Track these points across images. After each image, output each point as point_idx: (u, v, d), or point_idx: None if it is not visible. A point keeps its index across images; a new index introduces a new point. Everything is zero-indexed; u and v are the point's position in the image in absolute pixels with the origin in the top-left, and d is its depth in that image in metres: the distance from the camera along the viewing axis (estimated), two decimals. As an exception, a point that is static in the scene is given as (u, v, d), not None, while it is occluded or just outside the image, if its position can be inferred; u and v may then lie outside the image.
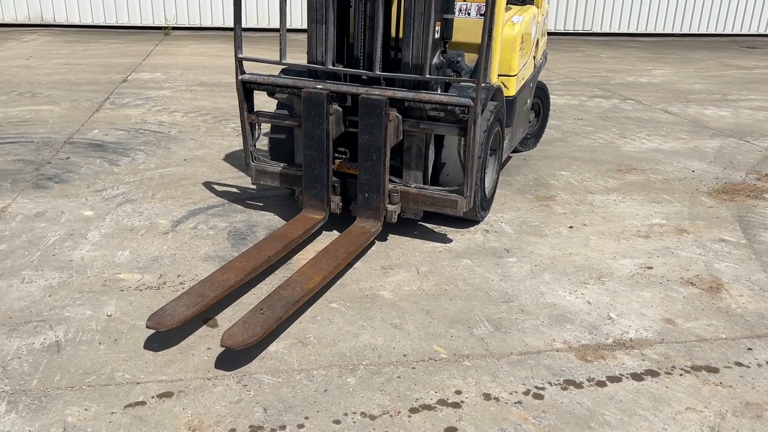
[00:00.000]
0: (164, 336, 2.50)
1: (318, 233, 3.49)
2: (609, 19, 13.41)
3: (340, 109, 3.33)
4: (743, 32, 14.18)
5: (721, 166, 4.96)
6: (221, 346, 2.28)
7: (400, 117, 3.20)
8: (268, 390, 2.23)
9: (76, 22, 11.45)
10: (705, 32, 13.92)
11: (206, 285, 2.66)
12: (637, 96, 7.53)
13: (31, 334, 2.50)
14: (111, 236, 3.35)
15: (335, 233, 3.50)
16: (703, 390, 2.32)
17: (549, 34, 7.76)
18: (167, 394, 2.19)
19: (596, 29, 13.42)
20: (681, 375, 2.40)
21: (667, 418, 2.17)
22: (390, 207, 3.30)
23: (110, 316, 2.63)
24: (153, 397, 2.17)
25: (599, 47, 11.82)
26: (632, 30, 13.58)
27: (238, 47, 3.36)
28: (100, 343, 2.45)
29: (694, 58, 10.93)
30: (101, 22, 11.53)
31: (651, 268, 3.25)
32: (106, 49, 9.37)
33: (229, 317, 2.67)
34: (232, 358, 2.39)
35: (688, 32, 13.83)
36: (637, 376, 2.38)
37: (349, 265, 3.10)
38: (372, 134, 3.17)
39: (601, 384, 2.33)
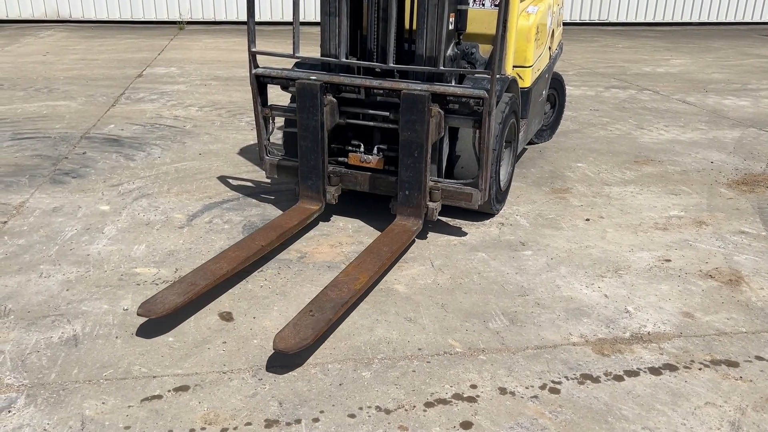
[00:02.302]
0: (180, 330, 2.52)
1: (316, 224, 3.49)
2: (625, 8, 13.25)
3: (335, 100, 3.32)
4: (762, 20, 13.95)
5: (740, 156, 4.89)
6: (273, 349, 2.25)
7: (443, 113, 3.15)
8: (283, 384, 2.24)
9: (92, 17, 11.53)
10: (723, 21, 13.71)
11: (198, 274, 2.69)
12: (655, 86, 7.44)
13: (50, 328, 2.52)
14: (127, 231, 3.37)
15: (333, 226, 3.50)
16: (723, 384, 2.29)
17: (564, 24, 7.68)
18: (183, 388, 2.20)
19: (612, 19, 13.27)
20: (700, 369, 2.37)
21: (686, 413, 2.14)
22: (431, 204, 3.24)
23: (127, 310, 2.65)
24: (169, 391, 2.19)
25: (615, 37, 11.68)
26: (649, 19, 13.41)
27: (251, 41, 3.36)
28: (116, 337, 2.47)
29: (713, 47, 10.76)
30: (116, 18, 11.60)
31: (669, 260, 3.21)
32: (122, 45, 9.42)
33: (244, 311, 2.67)
34: (247, 353, 2.40)
35: (705, 21, 13.63)
36: (655, 371, 2.36)
37: (392, 264, 3.06)
38: (414, 130, 3.10)
39: (618, 378, 2.31)
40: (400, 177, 3.22)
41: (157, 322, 2.56)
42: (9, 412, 2.07)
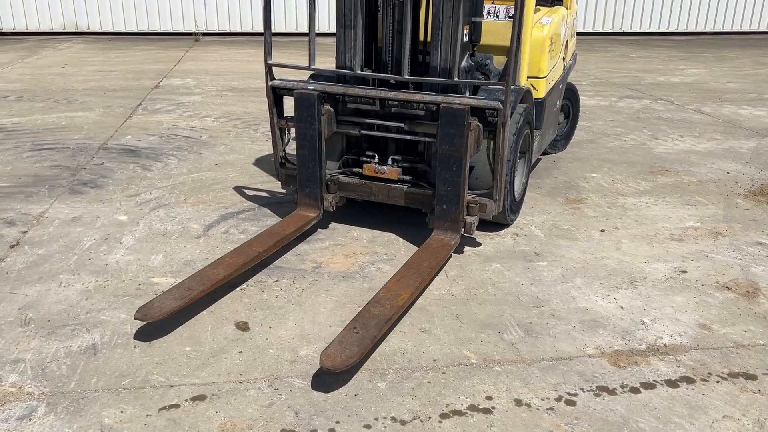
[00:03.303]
0: (197, 339, 2.55)
1: (326, 233, 3.51)
2: (639, 18, 13.22)
3: (332, 109, 3.38)
4: (779, 29, 13.85)
5: (757, 167, 4.85)
6: (320, 366, 2.22)
7: (481, 126, 3.13)
8: (299, 394, 2.25)
9: (110, 29, 11.69)
10: (738, 30, 13.63)
11: (195, 279, 2.74)
12: (669, 96, 7.41)
13: (69, 337, 2.55)
14: (145, 241, 3.41)
15: (347, 237, 3.51)
16: (741, 397, 2.27)
17: (579, 34, 7.68)
18: (200, 397, 2.22)
19: (626, 28, 13.24)
20: (717, 382, 2.36)
21: (704, 426, 2.12)
22: (468, 219, 3.23)
23: (144, 319, 2.68)
24: (187, 400, 2.21)
25: (629, 47, 11.66)
26: (663, 29, 13.37)
27: (268, 53, 3.40)
28: (134, 347, 2.50)
29: (728, 56, 10.71)
30: (133, 30, 11.76)
31: (685, 272, 3.19)
32: (139, 56, 9.55)
33: (260, 320, 2.69)
34: (263, 362, 2.42)
35: (720, 30, 13.56)
36: (671, 383, 2.34)
37: (431, 280, 3.03)
38: (452, 144, 3.09)
39: (634, 390, 2.30)
40: (438, 191, 3.20)
41: (175, 332, 2.59)
42: (30, 420, 2.10)
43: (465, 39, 3.28)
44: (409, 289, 2.71)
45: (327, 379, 2.33)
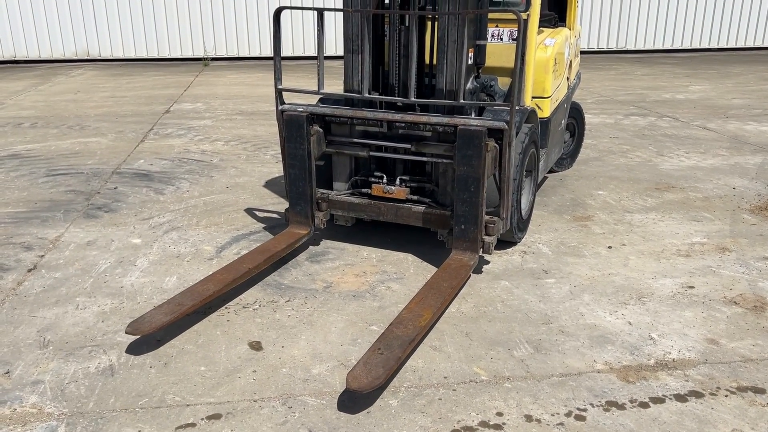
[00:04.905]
0: (212, 359, 2.59)
1: (331, 253, 3.56)
2: (643, 35, 13.32)
3: (321, 130, 3.48)
4: (783, 44, 13.91)
5: (763, 182, 4.88)
6: (347, 388, 2.24)
7: (498, 147, 3.16)
8: (312, 412, 2.29)
9: (120, 56, 11.90)
10: (742, 46, 13.70)
11: (186, 295, 2.82)
12: (674, 113, 7.46)
13: (87, 358, 2.61)
14: (158, 263, 3.48)
15: (357, 256, 3.56)
16: (750, 411, 2.29)
17: (582, 52, 7.76)
18: (216, 416, 2.26)
19: (630, 46, 13.34)
20: (726, 396, 2.38)
21: (713, 440, 2.15)
22: (487, 239, 3.26)
23: (160, 340, 2.73)
24: (202, 419, 2.25)
25: (634, 64, 11.74)
26: (667, 46, 13.46)
27: (278, 79, 3.49)
28: (151, 367, 2.55)
29: (733, 72, 10.76)
30: (144, 56, 11.96)
31: (692, 287, 3.22)
32: (149, 82, 9.71)
33: (272, 340, 2.74)
34: (276, 381, 2.46)
35: (725, 46, 13.63)
36: (680, 397, 2.36)
37: (452, 300, 3.05)
38: (470, 165, 3.13)
39: (643, 405, 2.32)
40: (456, 211, 3.24)
41: (190, 352, 2.64)
42: (50, 439, 2.15)
43: (470, 61, 3.35)
44: (430, 309, 2.74)
45: (339, 397, 2.36)
